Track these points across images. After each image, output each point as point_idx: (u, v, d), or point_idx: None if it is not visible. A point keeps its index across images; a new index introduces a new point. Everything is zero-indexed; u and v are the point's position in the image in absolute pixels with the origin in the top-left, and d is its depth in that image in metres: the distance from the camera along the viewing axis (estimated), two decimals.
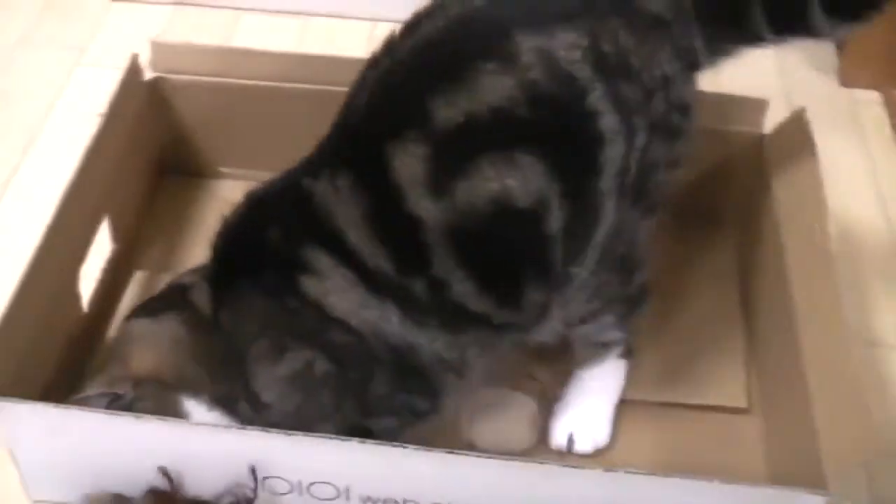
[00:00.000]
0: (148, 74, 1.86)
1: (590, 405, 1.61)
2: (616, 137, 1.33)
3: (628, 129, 1.34)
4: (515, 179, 1.28)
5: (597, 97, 1.30)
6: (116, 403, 1.32)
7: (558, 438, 1.60)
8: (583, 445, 1.59)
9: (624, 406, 1.65)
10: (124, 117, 1.77)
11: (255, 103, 1.89)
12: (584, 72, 1.30)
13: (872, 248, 1.95)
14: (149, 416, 1.34)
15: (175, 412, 1.36)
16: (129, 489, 1.41)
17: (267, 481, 1.40)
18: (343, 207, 1.32)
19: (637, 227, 1.44)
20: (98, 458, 1.41)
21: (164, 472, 1.40)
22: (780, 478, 1.43)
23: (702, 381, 1.70)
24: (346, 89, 1.83)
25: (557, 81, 1.29)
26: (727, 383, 1.70)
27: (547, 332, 1.49)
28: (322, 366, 1.37)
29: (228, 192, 1.94)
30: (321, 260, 1.33)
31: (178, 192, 1.98)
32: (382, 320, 1.35)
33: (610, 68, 1.31)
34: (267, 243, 1.37)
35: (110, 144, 1.71)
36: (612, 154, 1.34)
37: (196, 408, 1.37)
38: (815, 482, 1.33)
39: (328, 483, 1.40)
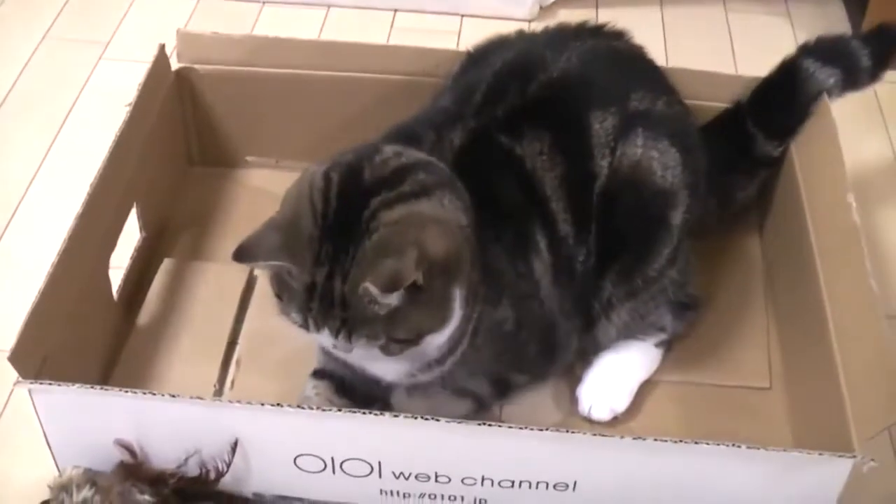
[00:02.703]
0: (174, 65, 1.88)
1: (616, 375, 1.64)
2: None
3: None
4: (658, 153, 1.54)
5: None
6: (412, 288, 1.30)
7: (582, 405, 1.62)
8: (600, 413, 1.61)
9: (650, 386, 1.67)
10: (152, 107, 1.80)
11: (280, 91, 1.90)
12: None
13: (890, 222, 1.97)
14: (181, 396, 1.37)
15: (445, 303, 1.35)
16: (158, 462, 1.45)
17: (300, 459, 1.42)
18: (547, 173, 1.51)
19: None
20: (117, 433, 1.43)
21: (125, 444, 1.43)
22: (806, 445, 1.44)
23: (725, 363, 1.72)
24: (371, 76, 1.87)
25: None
26: (750, 364, 1.72)
27: (604, 334, 1.63)
28: (509, 325, 1.48)
29: (255, 181, 1.98)
30: (541, 239, 1.51)
31: (206, 180, 2.00)
32: (554, 298, 1.53)
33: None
34: (502, 199, 1.50)
35: (138, 134, 1.74)
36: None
37: (456, 304, 1.37)
38: (841, 446, 1.35)
39: (361, 459, 1.41)
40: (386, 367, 1.46)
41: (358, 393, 1.55)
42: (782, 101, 1.77)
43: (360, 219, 1.31)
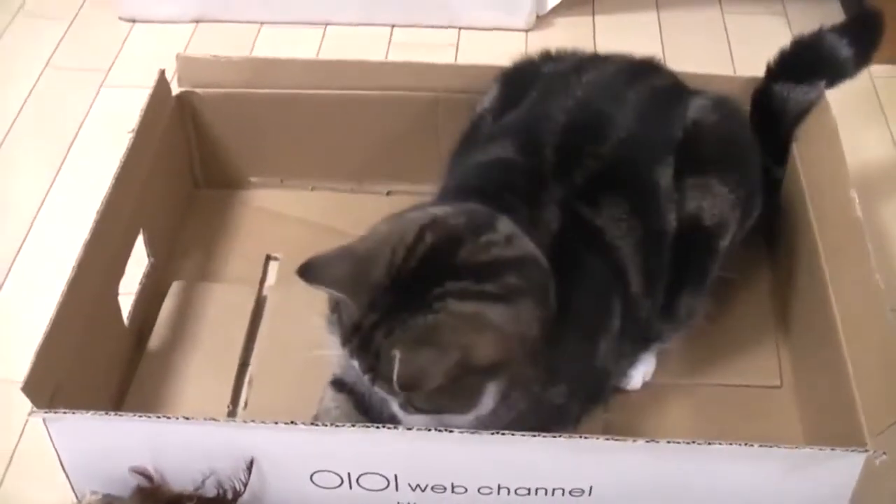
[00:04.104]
0: (175, 89, 1.89)
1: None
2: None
3: None
4: (711, 196, 1.57)
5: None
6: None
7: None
8: (634, 382, 1.66)
9: (661, 388, 1.68)
10: (155, 132, 1.80)
11: (282, 111, 1.91)
12: None
13: (893, 216, 1.98)
14: (195, 418, 1.37)
15: (475, 395, 1.33)
16: (176, 484, 1.44)
17: (316, 475, 1.43)
18: (625, 241, 1.49)
19: None
20: (133, 457, 1.43)
21: (141, 471, 1.43)
22: (817, 442, 1.44)
23: (735, 363, 1.72)
24: (371, 92, 1.87)
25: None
26: (759, 363, 1.72)
27: None
28: (560, 398, 1.46)
29: (260, 201, 1.99)
30: (617, 317, 1.49)
31: (211, 202, 2.01)
32: (612, 355, 1.52)
33: None
34: (587, 283, 1.45)
35: (142, 159, 1.75)
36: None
37: (489, 397, 1.34)
38: (853, 441, 1.35)
39: (377, 473, 1.42)
40: (405, 415, 1.42)
41: (376, 411, 1.53)
42: (769, 128, 1.77)
43: (431, 292, 1.29)
